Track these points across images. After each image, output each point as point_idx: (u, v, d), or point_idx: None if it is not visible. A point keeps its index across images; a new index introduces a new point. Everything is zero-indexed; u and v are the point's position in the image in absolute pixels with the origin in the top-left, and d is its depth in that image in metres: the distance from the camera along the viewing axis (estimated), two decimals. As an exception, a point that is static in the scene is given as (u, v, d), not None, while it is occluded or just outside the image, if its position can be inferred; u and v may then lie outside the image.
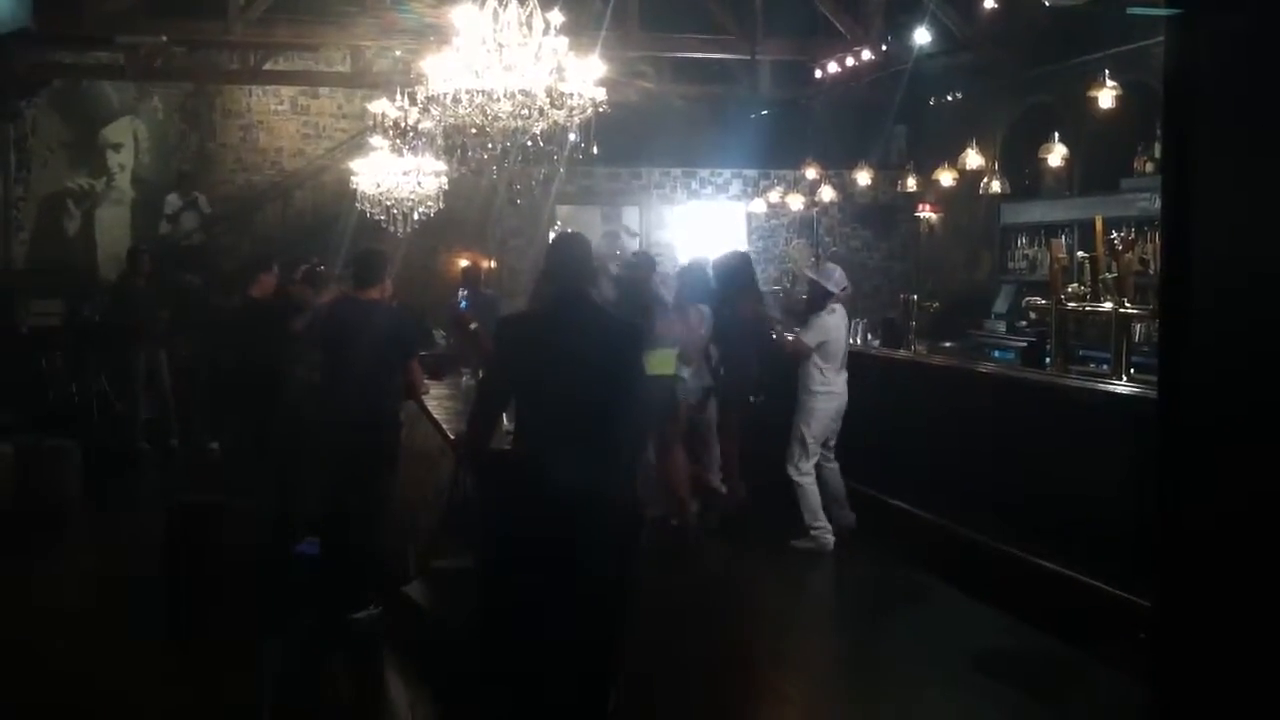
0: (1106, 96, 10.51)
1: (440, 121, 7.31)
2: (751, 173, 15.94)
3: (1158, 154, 10.78)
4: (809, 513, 8.08)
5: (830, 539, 8.09)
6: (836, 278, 8.41)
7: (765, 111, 15.98)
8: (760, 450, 8.70)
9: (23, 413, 10.94)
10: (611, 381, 4.44)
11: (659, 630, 6.11)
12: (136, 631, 6.52)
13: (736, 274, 8.97)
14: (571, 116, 7.02)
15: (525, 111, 6.86)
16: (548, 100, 6.84)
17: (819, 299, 8.31)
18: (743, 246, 15.22)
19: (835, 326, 8.23)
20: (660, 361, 7.79)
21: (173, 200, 15.16)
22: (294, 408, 7.77)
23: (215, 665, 6.11)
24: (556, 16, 6.80)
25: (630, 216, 16.12)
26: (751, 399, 8.78)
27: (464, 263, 13.17)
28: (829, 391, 8.14)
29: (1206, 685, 2.14)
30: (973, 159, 12.47)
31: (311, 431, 7.74)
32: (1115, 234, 9.32)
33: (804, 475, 8.08)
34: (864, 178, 14.11)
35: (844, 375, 8.23)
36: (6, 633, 6.37)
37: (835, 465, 8.30)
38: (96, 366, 12.20)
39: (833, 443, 8.28)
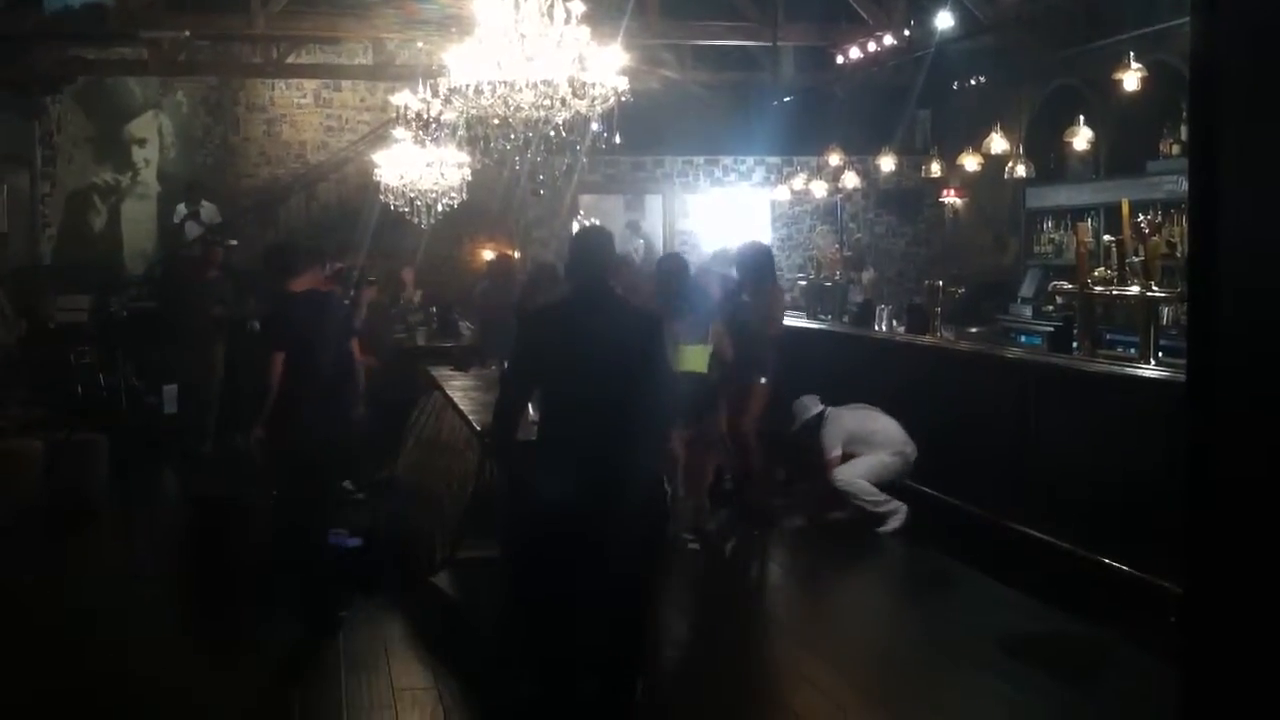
0: (1131, 78, 10.42)
1: (463, 113, 7.31)
2: (775, 160, 15.87)
3: (1184, 136, 10.69)
4: None
5: None
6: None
7: (788, 98, 15.93)
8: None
9: (51, 407, 10.99)
10: (633, 372, 4.45)
11: (684, 617, 6.12)
12: (163, 625, 6.56)
13: (758, 266, 8.78)
14: (593, 106, 7.01)
15: (547, 101, 6.86)
16: (570, 90, 6.83)
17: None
18: (766, 234, 15.23)
19: None
20: (692, 358, 7.61)
21: (180, 210, 15.13)
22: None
23: (242, 658, 6.15)
24: (577, 6, 6.80)
25: (653, 205, 16.11)
26: None
27: (489, 254, 13.05)
28: None
29: (1236, 670, 2.13)
30: (997, 143, 12.37)
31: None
32: (1142, 217, 9.23)
33: None
34: (888, 163, 14.02)
35: None
36: (34, 626, 6.41)
37: None
38: (125, 361, 12.23)
39: None
